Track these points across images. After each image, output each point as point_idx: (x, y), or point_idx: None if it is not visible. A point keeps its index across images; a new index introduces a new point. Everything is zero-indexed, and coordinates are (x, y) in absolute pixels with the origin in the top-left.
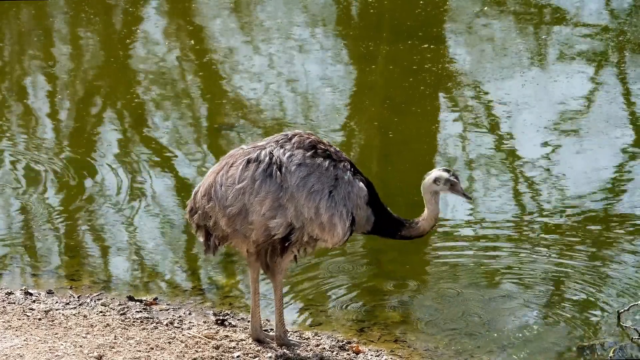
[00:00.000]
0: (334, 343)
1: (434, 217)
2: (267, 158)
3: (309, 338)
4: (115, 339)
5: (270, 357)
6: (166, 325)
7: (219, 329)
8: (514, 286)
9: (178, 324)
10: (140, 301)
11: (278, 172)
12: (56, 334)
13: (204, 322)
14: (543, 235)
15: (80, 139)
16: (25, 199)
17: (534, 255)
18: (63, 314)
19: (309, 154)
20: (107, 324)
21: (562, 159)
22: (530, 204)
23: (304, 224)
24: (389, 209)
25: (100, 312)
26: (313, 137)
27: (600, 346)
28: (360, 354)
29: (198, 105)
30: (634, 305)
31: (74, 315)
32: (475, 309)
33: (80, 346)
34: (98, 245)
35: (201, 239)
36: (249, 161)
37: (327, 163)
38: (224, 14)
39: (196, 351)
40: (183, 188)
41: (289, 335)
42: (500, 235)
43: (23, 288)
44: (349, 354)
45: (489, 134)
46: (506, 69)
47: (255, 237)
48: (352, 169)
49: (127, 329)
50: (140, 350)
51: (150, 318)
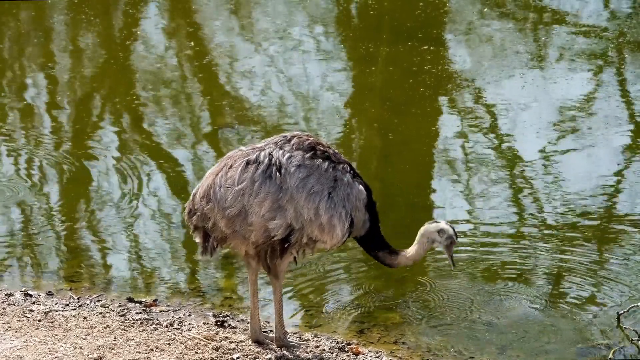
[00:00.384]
0: (333, 344)
1: (414, 260)
2: (267, 159)
3: (308, 339)
4: (115, 341)
5: (269, 359)
6: (166, 326)
7: (218, 330)
8: (513, 287)
9: (178, 325)
10: (140, 302)
11: (277, 174)
12: (56, 335)
13: (204, 324)
14: (543, 236)
15: (80, 139)
16: (25, 200)
17: (534, 256)
18: (63, 316)
19: (308, 155)
20: (107, 326)
21: (562, 159)
22: (530, 205)
23: (303, 225)
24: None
25: (100, 314)
26: (312, 139)
27: (599, 347)
28: (360, 355)
29: (198, 106)
30: (633, 306)
31: (74, 316)
32: (475, 310)
33: (80, 347)
34: (98, 246)
35: (198, 240)
36: (248, 162)
37: (327, 164)
38: (223, 15)
39: (196, 352)
40: (183, 189)
41: (288, 336)
42: (500, 236)
43: (23, 289)
44: (348, 356)
45: (489, 135)
46: (506, 70)
47: (255, 239)
48: (352, 171)
49: (127, 331)
50: (140, 352)
51: (150, 319)
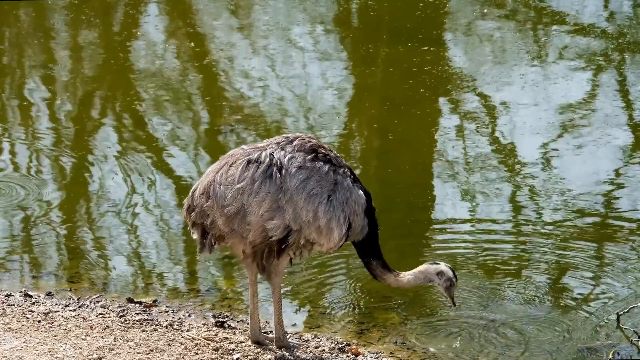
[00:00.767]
0: (333, 345)
1: (402, 286)
2: (268, 159)
3: (308, 340)
4: (114, 341)
5: (269, 359)
6: (166, 327)
7: (218, 331)
8: (513, 288)
9: (177, 326)
10: (140, 303)
11: (278, 174)
12: (56, 336)
13: (204, 324)
14: (542, 236)
15: (80, 140)
16: (25, 200)
17: (533, 256)
18: (62, 316)
19: (309, 157)
20: (107, 326)
21: (562, 160)
22: (530, 205)
23: (301, 226)
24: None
25: (100, 314)
26: (314, 141)
27: (599, 348)
28: (360, 356)
29: (198, 107)
30: (633, 306)
31: (74, 317)
32: (475, 311)
33: (80, 348)
34: (98, 247)
35: (195, 237)
36: (249, 162)
37: (327, 168)
38: (224, 16)
39: (196, 353)
40: (183, 190)
41: (288, 337)
42: (499, 237)
43: (22, 290)
44: (348, 356)
45: (489, 135)
46: (506, 70)
47: (252, 238)
48: (352, 176)
49: (127, 331)
50: (139, 352)
51: (150, 320)
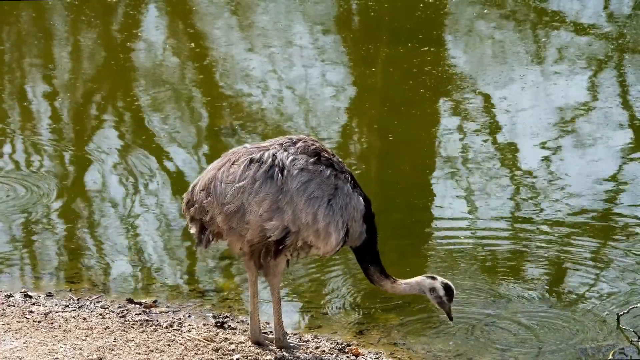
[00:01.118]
0: (333, 345)
1: (397, 293)
2: (270, 159)
3: (308, 340)
4: (114, 342)
5: None
6: (166, 327)
7: (218, 331)
8: (513, 288)
9: (177, 326)
10: (140, 304)
11: (279, 175)
12: (56, 336)
13: (204, 325)
14: (542, 236)
15: (80, 141)
16: (25, 201)
17: (533, 257)
18: (62, 317)
19: (312, 160)
20: (107, 327)
21: (562, 161)
22: (530, 206)
23: (300, 228)
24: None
25: (100, 315)
26: (318, 145)
27: (599, 348)
28: (360, 357)
29: (198, 108)
30: (633, 307)
31: (74, 317)
32: (475, 311)
33: (80, 349)
34: (98, 247)
35: (193, 231)
36: (251, 161)
37: (329, 172)
38: (224, 16)
39: (196, 354)
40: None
41: (288, 337)
42: (499, 238)
43: (22, 290)
44: (348, 357)
45: (489, 136)
46: (506, 71)
47: (250, 237)
48: (352, 182)
49: (127, 332)
50: (139, 353)
51: (150, 320)
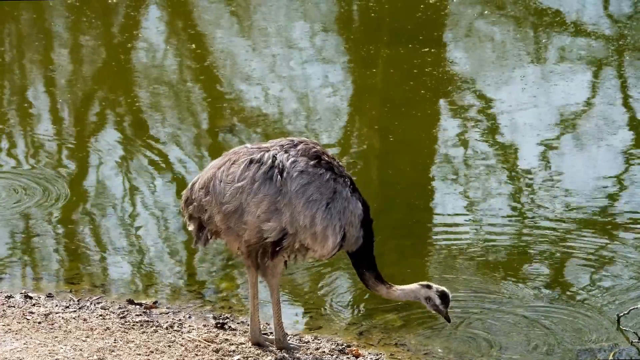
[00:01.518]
0: (333, 346)
1: (393, 299)
2: (270, 161)
3: (308, 341)
4: (115, 343)
5: None
6: (166, 328)
7: (218, 332)
8: (513, 289)
9: (178, 327)
10: (140, 305)
11: (279, 176)
12: (56, 337)
13: (204, 326)
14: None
15: (81, 142)
16: (25, 202)
17: (533, 258)
18: (63, 318)
19: (312, 163)
20: (107, 328)
21: (562, 161)
22: (530, 207)
23: (297, 230)
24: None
25: (100, 316)
26: (318, 148)
27: (599, 349)
28: (360, 358)
29: (198, 109)
30: (633, 308)
31: (74, 318)
32: (475, 312)
33: (80, 350)
34: (98, 248)
35: (191, 229)
36: (251, 161)
37: (328, 175)
38: (224, 17)
39: (196, 355)
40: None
41: (288, 338)
42: (499, 238)
43: (23, 291)
44: (348, 358)
45: (489, 136)
46: (506, 72)
47: (248, 237)
48: (351, 186)
49: (127, 333)
50: (140, 354)
51: (150, 321)
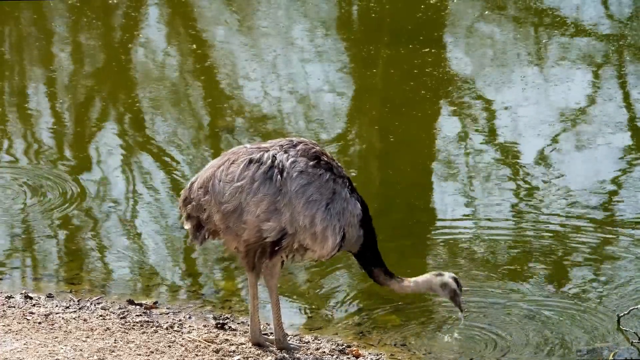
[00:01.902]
0: (333, 347)
1: (404, 292)
2: (270, 161)
3: (308, 342)
4: (115, 343)
5: None
6: (166, 329)
7: (219, 332)
8: (514, 289)
9: (178, 327)
10: (140, 305)
11: (279, 176)
12: (56, 337)
13: (204, 326)
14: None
15: (81, 142)
16: (25, 203)
17: (533, 258)
18: (63, 318)
19: (311, 163)
20: (107, 328)
21: (562, 162)
22: (531, 207)
23: (297, 231)
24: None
25: (100, 316)
26: (318, 148)
27: (599, 350)
28: (360, 358)
29: (199, 109)
30: (634, 308)
31: (74, 319)
32: (475, 312)
33: (80, 350)
34: (98, 249)
35: (187, 227)
36: (250, 161)
37: (328, 176)
38: (225, 18)
39: (196, 355)
40: None
41: (288, 338)
42: (499, 239)
43: (23, 292)
44: (349, 358)
45: (489, 136)
46: (506, 72)
47: (247, 237)
48: (350, 187)
49: (127, 333)
50: (140, 354)
51: (150, 322)
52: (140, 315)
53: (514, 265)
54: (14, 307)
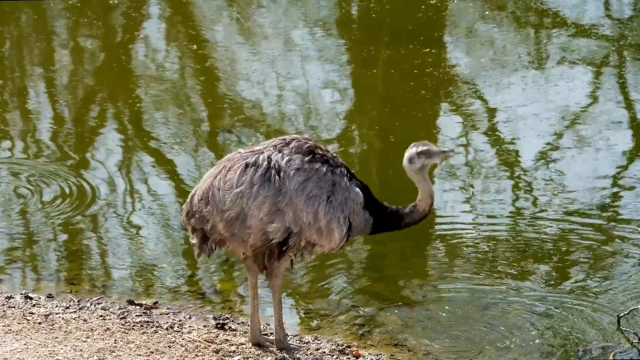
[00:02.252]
0: (334, 347)
1: (428, 195)
2: (265, 162)
3: (308, 342)
4: (115, 343)
5: None
6: (166, 329)
7: (219, 332)
8: (514, 290)
9: (178, 327)
10: (141, 305)
11: (277, 177)
12: (56, 338)
13: (204, 326)
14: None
15: (81, 142)
16: (25, 203)
17: (533, 259)
18: (63, 318)
19: (307, 159)
20: (107, 328)
21: (562, 162)
22: (531, 208)
23: (302, 228)
24: (386, 203)
25: (100, 316)
26: (311, 142)
27: (600, 350)
28: (360, 358)
29: (199, 109)
30: (633, 308)
31: (74, 319)
32: (475, 313)
33: (81, 350)
34: (98, 249)
35: (194, 241)
36: (247, 165)
37: (325, 168)
38: (225, 18)
39: (196, 355)
40: (183, 192)
41: (288, 339)
42: (500, 239)
43: (23, 292)
44: (349, 358)
45: (490, 137)
46: (507, 72)
47: (253, 242)
48: (348, 174)
49: (127, 333)
50: (140, 355)
51: (151, 322)
52: (140, 315)
53: (514, 265)
54: (14, 308)
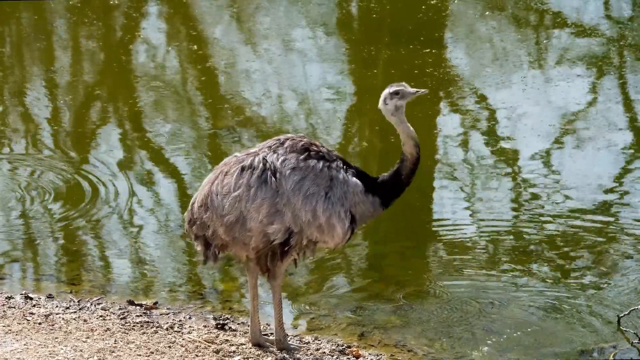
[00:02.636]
0: (334, 347)
1: (409, 137)
2: (261, 164)
3: (309, 342)
4: (115, 343)
5: None
6: (166, 329)
7: (219, 333)
8: (514, 290)
9: (178, 328)
10: (141, 305)
11: (273, 178)
12: (56, 338)
13: (204, 327)
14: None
15: (81, 143)
16: (25, 203)
17: (533, 259)
18: (63, 318)
19: (302, 157)
20: (107, 328)
21: (563, 163)
22: (531, 207)
23: (302, 227)
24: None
25: (101, 317)
26: (305, 140)
27: (600, 350)
28: (360, 358)
29: (199, 110)
30: (634, 309)
31: (74, 319)
32: (476, 313)
33: (81, 350)
34: (98, 249)
35: (199, 249)
36: (243, 168)
37: (321, 164)
38: (225, 19)
39: (196, 355)
40: (183, 192)
41: (288, 339)
42: (500, 240)
43: (23, 292)
44: (349, 358)
45: (490, 137)
46: (507, 73)
47: (255, 244)
48: (345, 166)
49: (127, 333)
50: (140, 355)
51: (151, 322)
52: (141, 315)
53: (514, 265)
54: (14, 308)
